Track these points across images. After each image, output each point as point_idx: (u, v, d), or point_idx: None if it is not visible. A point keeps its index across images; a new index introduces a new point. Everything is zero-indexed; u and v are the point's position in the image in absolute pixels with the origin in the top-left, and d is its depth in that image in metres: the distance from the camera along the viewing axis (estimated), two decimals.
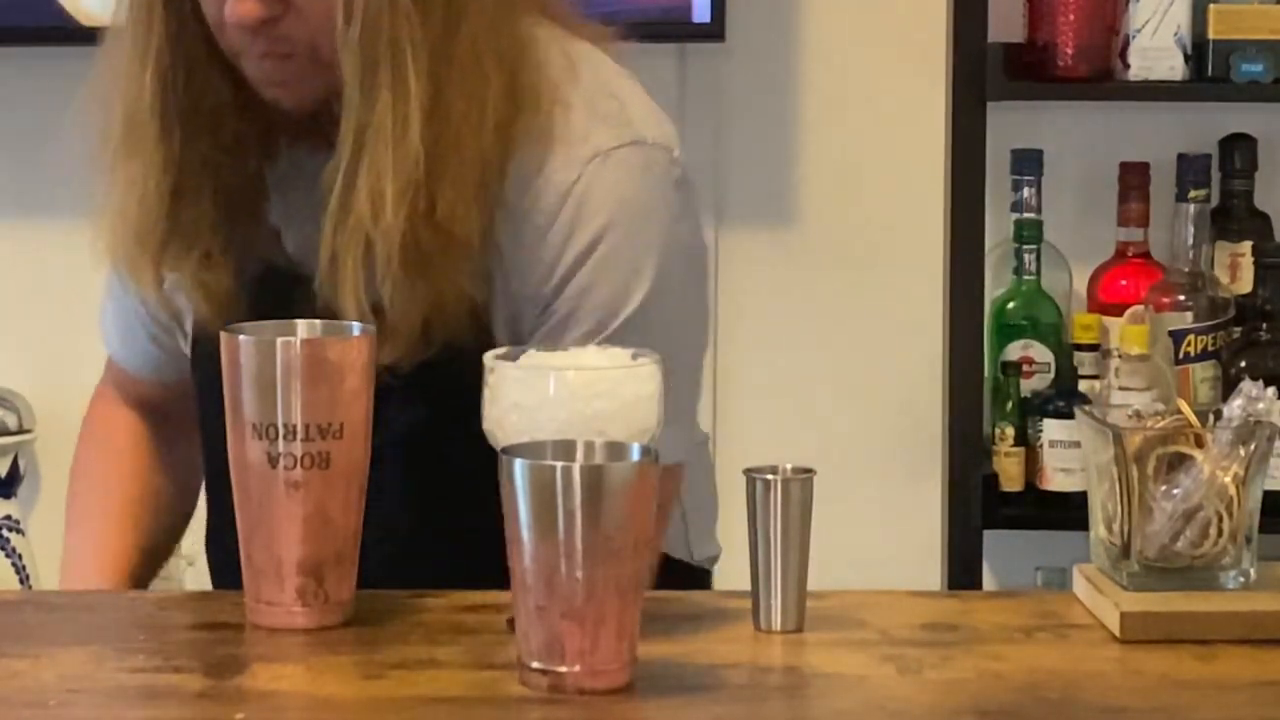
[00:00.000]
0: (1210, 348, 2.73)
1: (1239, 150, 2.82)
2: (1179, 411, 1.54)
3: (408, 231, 1.61)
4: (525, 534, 1.33)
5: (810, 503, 1.48)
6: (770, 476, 1.47)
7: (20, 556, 2.98)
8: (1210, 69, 2.73)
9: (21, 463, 3.01)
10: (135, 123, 1.67)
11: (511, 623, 1.39)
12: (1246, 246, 2.77)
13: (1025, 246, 2.80)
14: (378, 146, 1.61)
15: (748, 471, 1.48)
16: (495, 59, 1.64)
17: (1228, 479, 1.50)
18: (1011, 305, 2.81)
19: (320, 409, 1.46)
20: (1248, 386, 1.51)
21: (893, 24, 2.88)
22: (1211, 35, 2.72)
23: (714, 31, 2.77)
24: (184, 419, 1.81)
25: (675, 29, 2.77)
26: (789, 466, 1.49)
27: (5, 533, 2.97)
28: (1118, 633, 1.47)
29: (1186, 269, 2.73)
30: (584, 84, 1.68)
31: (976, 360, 2.75)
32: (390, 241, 1.61)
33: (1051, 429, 2.73)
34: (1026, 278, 2.80)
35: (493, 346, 1.50)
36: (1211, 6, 2.72)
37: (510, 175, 1.65)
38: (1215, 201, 2.82)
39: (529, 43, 1.68)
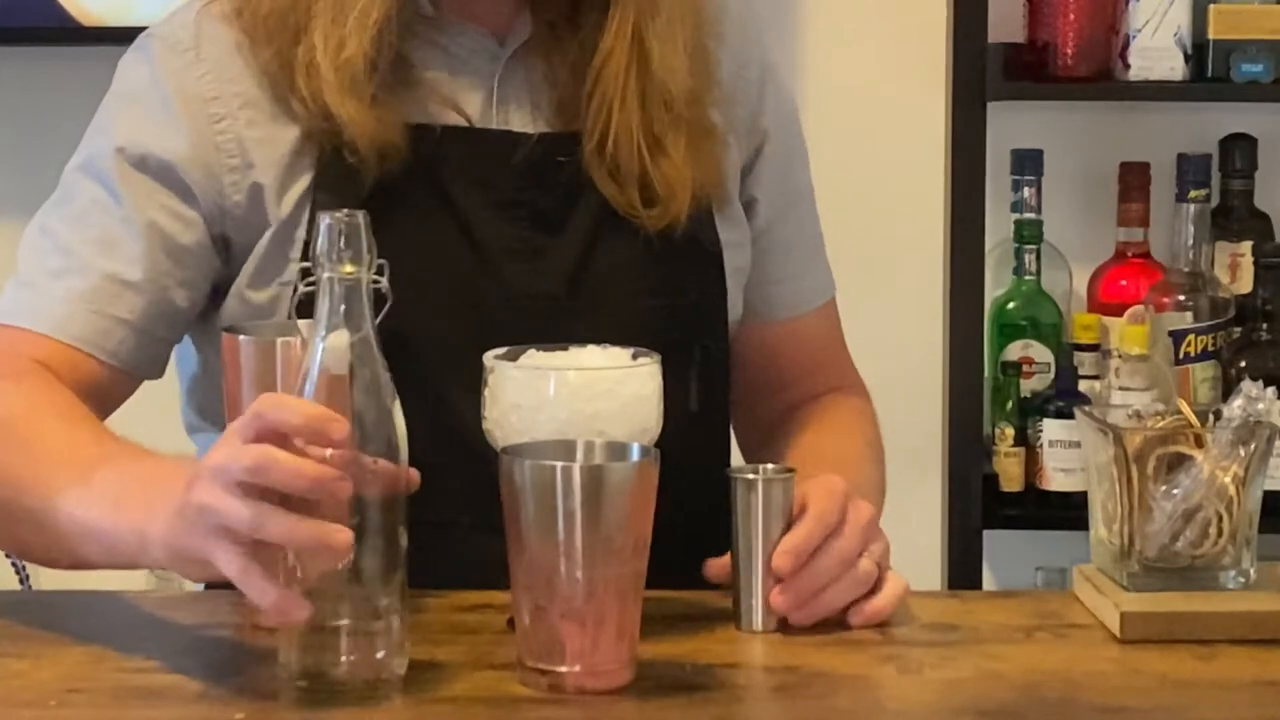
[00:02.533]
0: (1210, 348, 2.73)
1: (1239, 150, 2.82)
2: (1179, 411, 1.54)
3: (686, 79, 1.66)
4: (525, 534, 1.33)
5: (791, 503, 1.48)
6: (751, 476, 1.47)
7: None
8: (1210, 69, 2.73)
9: None
10: None
11: (511, 623, 1.39)
12: (1246, 246, 2.77)
13: (1025, 246, 2.80)
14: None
15: (729, 472, 1.48)
16: None
17: (1228, 479, 1.50)
18: (1011, 305, 2.81)
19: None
20: (1248, 386, 1.52)
21: (893, 24, 2.89)
22: (1211, 35, 2.72)
23: None
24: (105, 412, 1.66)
25: None
26: (769, 467, 1.49)
27: None
28: (1118, 633, 1.47)
29: (1186, 269, 2.73)
30: None
31: (976, 360, 2.75)
32: (672, 90, 1.64)
33: (1051, 429, 2.73)
34: (1026, 278, 2.80)
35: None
36: (1211, 6, 2.72)
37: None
38: (1215, 201, 2.82)
39: None
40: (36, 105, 2.99)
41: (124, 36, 2.84)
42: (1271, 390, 1.52)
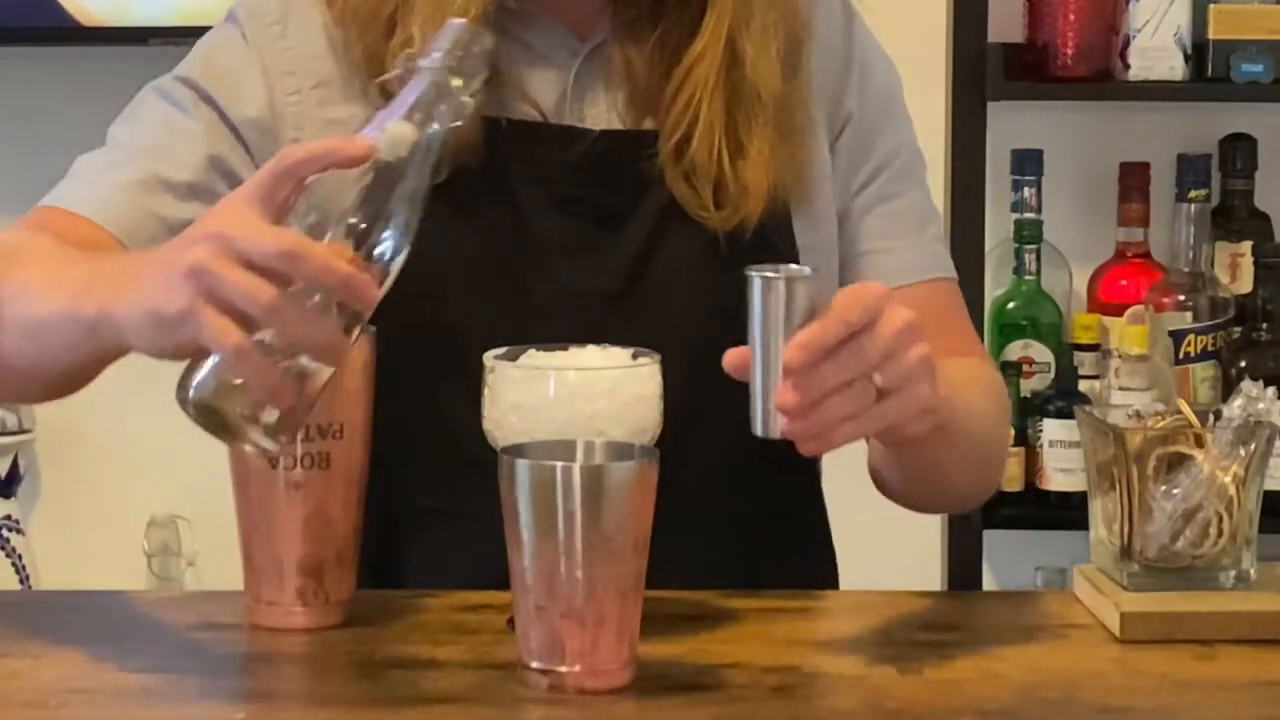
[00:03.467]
0: (1210, 348, 2.73)
1: (1239, 150, 2.82)
2: (1179, 411, 1.54)
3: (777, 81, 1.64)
4: (525, 534, 1.33)
5: (812, 307, 1.38)
6: (771, 274, 1.38)
7: (20, 556, 2.98)
8: (1210, 69, 2.73)
9: (21, 463, 3.02)
10: None
11: (511, 623, 1.39)
12: (1246, 246, 2.78)
13: (1025, 246, 2.80)
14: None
15: (747, 270, 1.39)
16: None
17: (1228, 479, 1.50)
18: (1011, 305, 2.82)
19: (320, 409, 1.46)
20: (1248, 386, 1.52)
21: (893, 24, 2.88)
22: (1211, 35, 2.72)
23: None
24: None
25: None
26: (791, 266, 1.40)
27: (5, 533, 2.97)
28: (1118, 633, 1.47)
29: (1186, 269, 2.73)
30: None
31: None
32: (762, 95, 1.63)
33: (1051, 429, 2.73)
34: (1026, 278, 2.81)
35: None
36: (1211, 6, 2.72)
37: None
38: (1215, 201, 2.82)
39: None
40: (36, 105, 2.99)
41: (124, 36, 2.88)
42: (1271, 390, 1.52)
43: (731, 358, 1.39)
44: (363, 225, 1.30)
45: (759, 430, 1.39)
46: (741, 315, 1.39)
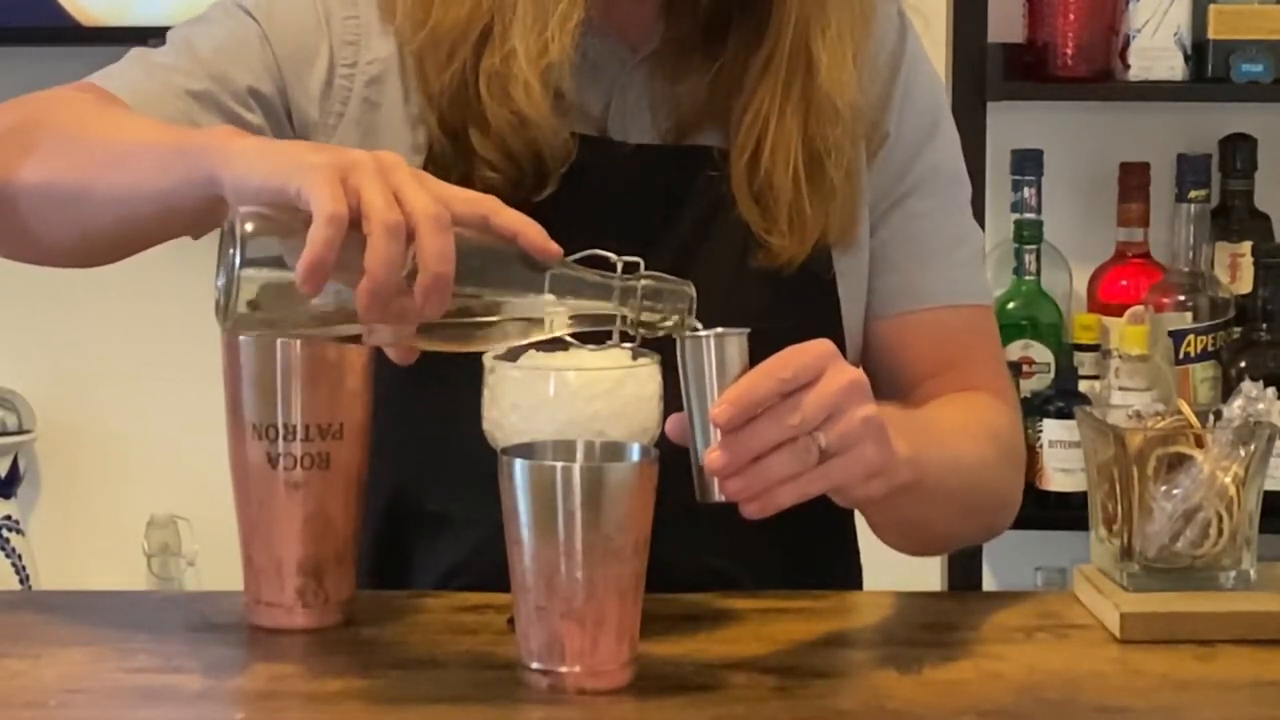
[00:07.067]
0: (1210, 348, 2.73)
1: (1239, 150, 2.82)
2: (1179, 411, 1.54)
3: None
4: (525, 534, 1.33)
5: (747, 361, 1.35)
6: (702, 333, 1.36)
7: (20, 556, 2.98)
8: (1210, 69, 2.73)
9: (21, 463, 3.02)
10: None
11: (511, 623, 1.39)
12: (1246, 246, 2.78)
13: (1025, 246, 2.80)
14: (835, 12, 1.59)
15: (680, 334, 1.37)
16: None
17: (1228, 479, 1.50)
18: (1011, 305, 2.81)
19: (320, 409, 1.46)
20: (1248, 387, 1.52)
21: None
22: (1211, 35, 2.72)
23: None
24: None
25: None
26: (719, 329, 1.36)
27: (5, 533, 2.98)
28: (1118, 633, 1.47)
29: (1186, 269, 2.73)
30: None
31: None
32: (839, 105, 1.58)
33: (1051, 429, 2.73)
34: (1026, 278, 2.81)
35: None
36: (1211, 6, 2.72)
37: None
38: (1215, 201, 2.82)
39: None
40: None
41: (124, 37, 2.86)
42: (1271, 390, 1.52)
43: (671, 424, 1.37)
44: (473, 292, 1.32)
45: (699, 497, 1.35)
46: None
